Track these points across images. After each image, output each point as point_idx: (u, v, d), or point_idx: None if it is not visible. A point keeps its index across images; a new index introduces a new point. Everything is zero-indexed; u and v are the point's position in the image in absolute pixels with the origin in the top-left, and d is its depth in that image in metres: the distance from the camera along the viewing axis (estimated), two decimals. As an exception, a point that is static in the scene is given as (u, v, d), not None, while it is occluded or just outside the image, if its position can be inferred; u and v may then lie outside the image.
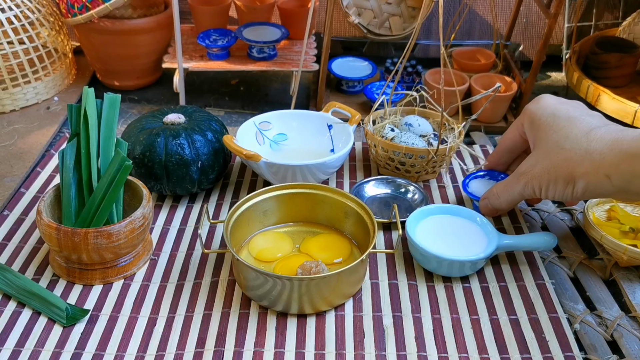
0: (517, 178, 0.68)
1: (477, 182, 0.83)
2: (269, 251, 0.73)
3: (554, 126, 0.63)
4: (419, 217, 0.75)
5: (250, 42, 1.10)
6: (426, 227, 0.75)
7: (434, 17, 1.30)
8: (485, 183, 0.82)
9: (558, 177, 0.61)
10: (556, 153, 0.61)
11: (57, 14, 1.16)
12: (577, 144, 0.60)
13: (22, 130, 1.01)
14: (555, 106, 0.66)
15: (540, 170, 0.63)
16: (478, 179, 0.83)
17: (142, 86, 1.20)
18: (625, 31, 1.18)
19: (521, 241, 0.73)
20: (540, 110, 0.66)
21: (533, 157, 0.65)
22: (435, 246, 0.70)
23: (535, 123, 0.66)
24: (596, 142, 0.58)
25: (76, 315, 0.66)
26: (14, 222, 0.79)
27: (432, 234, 0.74)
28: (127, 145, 0.72)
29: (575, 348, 0.63)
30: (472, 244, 0.72)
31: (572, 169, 0.60)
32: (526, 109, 0.69)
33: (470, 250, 0.71)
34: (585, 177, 0.59)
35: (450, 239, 0.73)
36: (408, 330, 0.65)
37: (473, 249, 0.72)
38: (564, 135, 0.61)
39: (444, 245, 0.72)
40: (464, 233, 0.74)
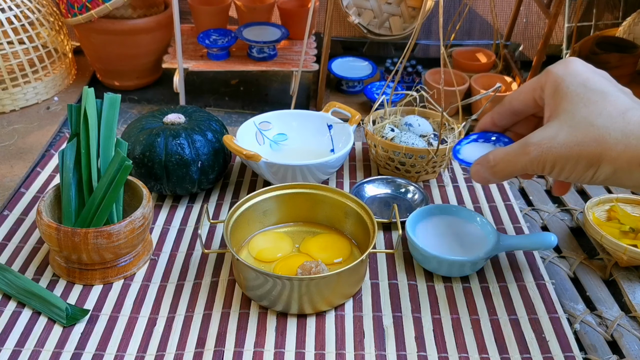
0: (525, 148, 0.56)
1: (471, 147, 0.70)
2: (269, 251, 0.73)
3: (585, 99, 0.54)
4: (419, 217, 0.75)
5: (250, 42, 1.10)
6: (426, 227, 0.75)
7: (434, 17, 1.30)
8: (481, 148, 0.69)
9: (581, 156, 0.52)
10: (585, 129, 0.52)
11: (57, 14, 1.16)
12: (612, 123, 0.51)
13: (22, 130, 1.01)
14: (587, 75, 0.55)
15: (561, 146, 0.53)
16: (472, 143, 0.70)
17: (142, 86, 1.20)
18: (625, 31, 1.18)
19: (521, 241, 0.73)
20: (569, 77, 0.56)
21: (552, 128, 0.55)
22: (435, 246, 0.70)
23: (561, 91, 0.55)
24: (634, 125, 0.51)
25: (76, 315, 0.66)
26: (14, 222, 0.79)
27: (432, 234, 0.74)
28: (127, 145, 0.72)
29: (575, 348, 0.63)
30: (472, 244, 0.72)
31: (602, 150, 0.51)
32: (550, 71, 0.57)
33: (470, 251, 0.71)
34: (615, 163, 0.51)
35: (450, 239, 0.73)
36: (408, 330, 0.65)
37: (473, 249, 0.72)
38: (597, 111, 0.53)
39: (444, 245, 0.72)
40: (464, 233, 0.74)
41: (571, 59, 0.57)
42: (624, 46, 1.12)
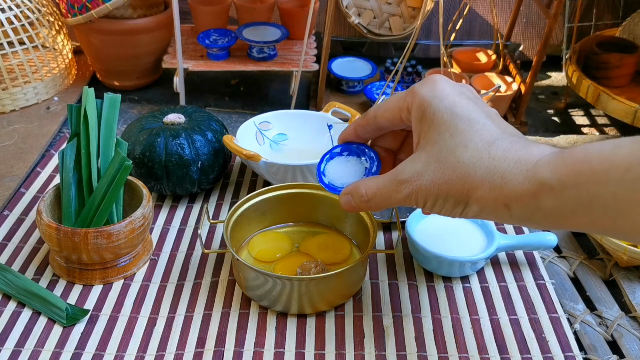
0: (398, 186, 0.54)
1: (337, 165, 0.62)
2: (269, 251, 0.73)
3: (452, 127, 0.51)
4: (419, 217, 0.75)
5: (250, 42, 1.10)
6: (426, 227, 0.75)
7: (434, 17, 1.30)
8: (348, 166, 0.62)
9: (449, 195, 0.50)
10: (451, 166, 0.50)
11: (57, 14, 1.16)
12: (478, 158, 0.49)
13: (22, 130, 1.01)
14: (454, 99, 0.52)
15: (429, 183, 0.51)
16: (337, 159, 0.63)
17: (142, 86, 1.20)
18: (625, 31, 1.18)
19: (521, 241, 0.73)
20: (435, 101, 0.52)
21: (420, 162, 0.52)
22: (435, 246, 0.70)
23: (427, 117, 0.52)
24: (498, 159, 0.48)
25: (76, 315, 0.66)
26: (14, 222, 0.79)
27: (432, 233, 0.74)
28: (127, 145, 0.72)
29: (575, 348, 0.63)
30: (472, 244, 0.72)
31: (469, 189, 0.49)
32: (416, 92, 0.53)
33: (471, 250, 0.71)
34: (481, 202, 0.49)
35: (450, 238, 0.73)
36: (408, 330, 0.65)
37: (473, 248, 0.72)
38: (463, 143, 0.50)
39: (444, 245, 0.72)
40: (464, 233, 0.74)
41: (437, 78, 0.54)
42: (624, 46, 1.12)
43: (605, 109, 1.05)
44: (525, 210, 0.46)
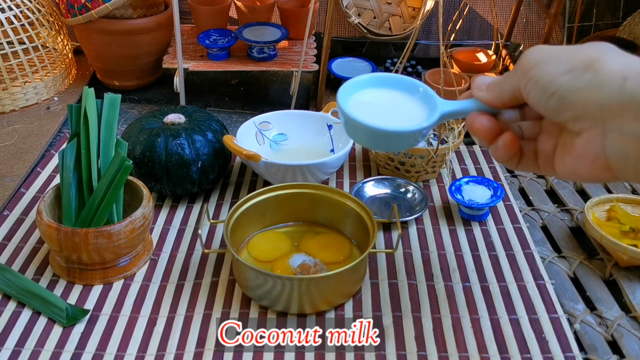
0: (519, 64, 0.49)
1: (470, 188, 0.81)
2: (269, 251, 0.73)
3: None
4: (352, 89, 0.61)
5: (250, 42, 1.10)
6: (361, 100, 0.61)
7: (433, 17, 1.30)
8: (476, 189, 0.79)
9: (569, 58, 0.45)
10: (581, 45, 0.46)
11: (57, 14, 1.16)
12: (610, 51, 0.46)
13: (22, 130, 1.01)
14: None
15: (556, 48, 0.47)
16: (469, 184, 0.80)
17: (142, 86, 1.19)
18: (625, 31, 1.18)
19: (467, 105, 0.57)
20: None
21: None
22: (372, 119, 0.57)
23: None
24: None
25: (76, 315, 0.66)
26: (14, 222, 0.79)
27: (370, 107, 0.60)
28: (127, 146, 0.72)
29: (575, 348, 0.63)
30: (413, 114, 0.59)
31: (593, 58, 0.44)
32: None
33: (412, 121, 0.57)
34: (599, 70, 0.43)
35: (390, 111, 0.60)
36: (408, 330, 0.65)
37: (413, 119, 0.58)
38: None
39: (384, 118, 0.58)
40: (403, 105, 0.61)
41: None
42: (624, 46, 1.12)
43: (605, 109, 1.05)
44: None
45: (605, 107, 0.42)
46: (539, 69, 0.46)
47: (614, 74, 0.42)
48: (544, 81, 0.45)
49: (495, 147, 0.52)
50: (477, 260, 0.75)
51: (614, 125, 0.42)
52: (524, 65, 0.47)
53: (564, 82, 0.44)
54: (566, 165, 0.47)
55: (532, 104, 0.47)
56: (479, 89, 0.53)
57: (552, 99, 0.44)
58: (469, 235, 0.79)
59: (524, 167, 0.53)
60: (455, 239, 0.78)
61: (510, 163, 0.53)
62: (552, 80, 0.45)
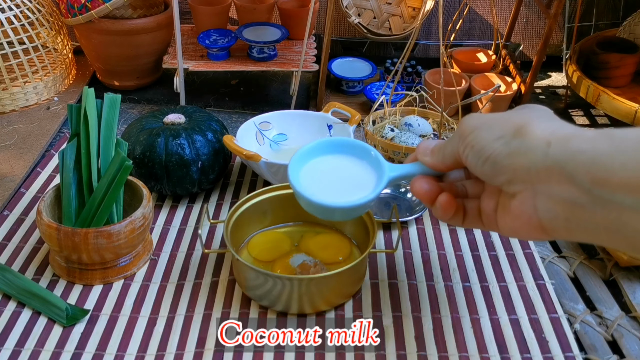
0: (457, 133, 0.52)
1: None
2: (269, 251, 0.73)
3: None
4: (304, 158, 0.62)
5: (250, 42, 1.10)
6: (313, 170, 0.61)
7: (434, 17, 1.30)
8: None
9: (500, 125, 0.47)
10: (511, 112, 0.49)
11: (57, 14, 1.16)
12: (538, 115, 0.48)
13: (22, 130, 1.01)
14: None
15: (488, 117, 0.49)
16: None
17: (142, 86, 1.20)
18: (625, 31, 1.18)
19: (413, 169, 0.58)
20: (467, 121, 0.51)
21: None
22: (323, 194, 0.58)
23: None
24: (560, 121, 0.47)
25: (76, 315, 0.66)
26: (14, 222, 0.79)
27: (320, 178, 0.61)
28: (127, 146, 0.72)
29: (575, 348, 0.63)
30: (361, 185, 0.59)
31: (522, 124, 0.46)
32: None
33: (358, 193, 0.58)
34: (526, 136, 0.45)
35: (338, 182, 0.60)
36: (408, 329, 0.65)
37: (361, 190, 0.59)
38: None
39: (331, 190, 0.59)
40: (352, 173, 0.61)
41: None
42: (624, 46, 1.12)
43: (606, 109, 1.05)
44: (565, 151, 0.42)
45: (532, 171, 0.44)
46: (474, 135, 0.49)
47: (539, 139, 0.44)
48: (478, 147, 0.48)
49: (434, 208, 0.55)
50: (477, 260, 0.75)
51: (542, 188, 0.44)
52: (461, 132, 0.50)
53: (496, 147, 0.46)
54: (507, 224, 0.49)
55: (470, 168, 0.50)
56: (423, 154, 0.56)
57: (486, 163, 0.47)
58: (469, 235, 0.79)
59: (470, 224, 0.56)
60: (455, 239, 0.78)
61: (453, 221, 0.56)
62: (486, 146, 0.47)
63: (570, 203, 0.42)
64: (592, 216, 0.41)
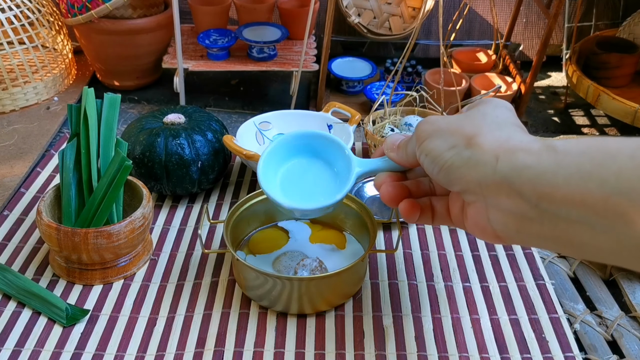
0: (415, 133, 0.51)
1: None
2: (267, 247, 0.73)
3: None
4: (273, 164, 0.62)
5: (250, 42, 1.10)
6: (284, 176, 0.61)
7: (434, 17, 1.30)
8: None
9: (452, 134, 0.47)
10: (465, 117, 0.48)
11: (57, 14, 1.16)
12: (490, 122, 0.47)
13: (22, 130, 1.01)
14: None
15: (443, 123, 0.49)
16: None
17: (142, 86, 1.20)
18: (625, 31, 1.18)
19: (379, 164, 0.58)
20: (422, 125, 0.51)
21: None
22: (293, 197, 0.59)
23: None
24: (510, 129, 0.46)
25: (76, 315, 0.66)
26: (14, 222, 0.79)
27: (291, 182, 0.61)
28: (127, 146, 0.72)
29: (575, 348, 0.63)
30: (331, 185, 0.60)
31: (473, 134, 0.46)
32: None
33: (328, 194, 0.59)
34: (476, 148, 0.45)
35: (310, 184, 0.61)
36: (408, 330, 0.65)
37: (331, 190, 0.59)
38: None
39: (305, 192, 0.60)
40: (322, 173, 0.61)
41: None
42: (624, 46, 1.12)
43: (606, 109, 1.05)
44: (512, 166, 0.42)
45: (483, 184, 0.44)
46: (428, 142, 0.48)
47: (488, 153, 0.44)
48: (432, 155, 0.48)
49: (400, 211, 0.54)
50: (477, 260, 0.75)
51: (493, 201, 0.44)
52: (417, 136, 0.50)
53: (448, 158, 0.46)
54: (469, 228, 0.50)
55: (427, 173, 0.49)
56: (389, 149, 0.56)
57: (441, 172, 0.47)
58: (469, 235, 0.79)
59: (439, 223, 0.55)
60: (456, 238, 0.78)
61: (422, 221, 0.55)
62: (439, 155, 0.47)
63: (519, 216, 0.42)
64: (541, 229, 0.41)
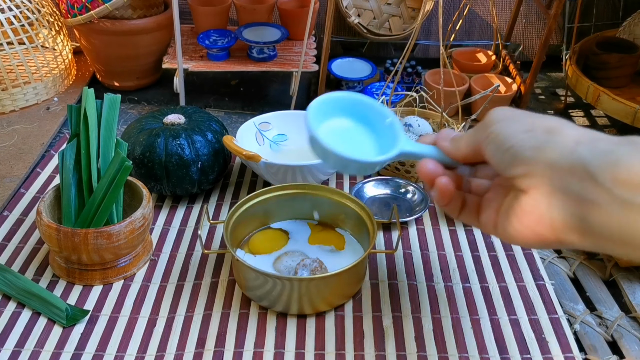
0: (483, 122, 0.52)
1: None
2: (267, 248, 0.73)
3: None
4: (322, 113, 0.61)
5: (250, 42, 1.10)
6: (330, 127, 0.61)
7: (433, 18, 1.30)
8: None
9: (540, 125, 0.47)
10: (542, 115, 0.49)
11: (57, 14, 1.16)
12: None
13: (22, 131, 1.01)
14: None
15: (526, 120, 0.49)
16: None
17: (142, 87, 1.20)
18: (625, 31, 1.18)
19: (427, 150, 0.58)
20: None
21: None
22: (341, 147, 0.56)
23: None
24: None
25: (76, 315, 0.66)
26: (13, 223, 0.79)
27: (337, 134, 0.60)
28: (127, 146, 0.72)
29: (575, 348, 0.63)
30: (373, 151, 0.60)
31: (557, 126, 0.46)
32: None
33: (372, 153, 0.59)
34: (564, 136, 0.45)
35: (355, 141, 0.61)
36: (408, 330, 0.65)
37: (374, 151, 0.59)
38: None
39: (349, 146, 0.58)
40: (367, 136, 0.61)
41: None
42: (624, 46, 1.12)
43: (606, 109, 1.05)
44: (592, 150, 0.43)
45: (556, 166, 0.44)
46: (501, 125, 0.49)
47: (569, 138, 0.45)
48: (503, 135, 0.48)
49: (433, 191, 0.54)
50: (477, 260, 0.75)
51: (561, 183, 0.44)
52: (487, 120, 0.50)
53: (522, 138, 0.47)
54: (511, 225, 0.49)
55: (488, 156, 0.50)
56: (443, 139, 0.56)
57: (507, 153, 0.47)
58: (469, 235, 0.79)
59: (465, 218, 0.55)
60: (455, 239, 0.78)
61: (450, 210, 0.55)
62: (511, 135, 0.47)
63: (588, 201, 0.42)
64: (608, 218, 0.41)
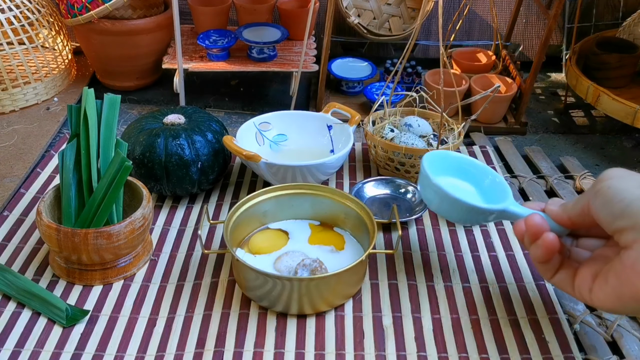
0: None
1: None
2: (267, 248, 0.73)
3: None
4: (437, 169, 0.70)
5: (250, 42, 1.11)
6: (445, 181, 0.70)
7: (433, 18, 1.30)
8: None
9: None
10: None
11: (57, 14, 1.16)
12: None
13: (22, 131, 1.01)
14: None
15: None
16: None
17: (142, 87, 1.20)
18: (625, 31, 1.18)
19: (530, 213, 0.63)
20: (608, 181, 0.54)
21: None
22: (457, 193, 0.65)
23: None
24: None
25: (76, 315, 0.66)
26: (13, 223, 0.79)
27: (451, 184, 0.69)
28: (127, 146, 0.72)
29: (575, 349, 0.63)
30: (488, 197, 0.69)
31: None
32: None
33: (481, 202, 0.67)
34: None
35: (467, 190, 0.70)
36: (408, 330, 0.65)
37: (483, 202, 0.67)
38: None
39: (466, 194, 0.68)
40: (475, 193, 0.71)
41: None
42: (624, 46, 1.12)
43: (606, 109, 1.05)
44: None
45: None
46: (613, 181, 0.52)
47: None
48: (614, 189, 0.50)
49: (535, 246, 0.57)
50: (477, 260, 0.75)
51: None
52: (598, 179, 0.53)
53: (635, 192, 0.49)
54: (608, 285, 0.51)
55: (595, 210, 0.52)
56: (552, 203, 0.60)
57: (617, 205, 0.50)
58: (469, 235, 0.79)
59: (559, 281, 0.58)
60: (455, 239, 0.78)
61: (545, 269, 0.58)
62: (624, 189, 0.50)
63: None
64: None
